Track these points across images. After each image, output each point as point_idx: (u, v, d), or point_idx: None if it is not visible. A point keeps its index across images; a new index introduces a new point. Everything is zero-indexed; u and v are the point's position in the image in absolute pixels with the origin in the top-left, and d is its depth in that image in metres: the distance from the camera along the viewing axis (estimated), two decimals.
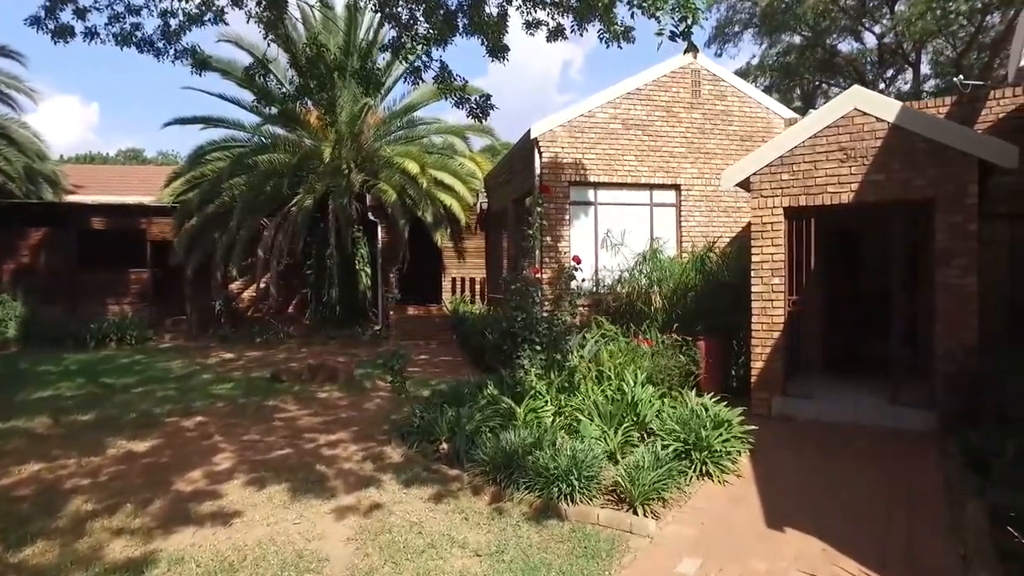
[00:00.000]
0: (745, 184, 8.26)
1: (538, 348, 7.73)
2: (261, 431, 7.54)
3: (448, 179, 17.14)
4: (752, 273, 8.09)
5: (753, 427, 6.45)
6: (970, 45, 25.20)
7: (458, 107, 8.40)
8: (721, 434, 6.07)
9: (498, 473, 5.49)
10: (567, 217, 11.96)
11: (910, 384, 7.47)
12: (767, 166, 8.02)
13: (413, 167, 15.98)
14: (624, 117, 12.22)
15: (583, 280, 9.07)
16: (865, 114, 7.49)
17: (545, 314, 8.13)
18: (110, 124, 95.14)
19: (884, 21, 25.59)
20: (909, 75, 27.30)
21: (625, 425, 6.46)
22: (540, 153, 11.91)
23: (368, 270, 18.47)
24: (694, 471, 5.66)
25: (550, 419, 6.83)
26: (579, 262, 8.19)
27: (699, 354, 9.35)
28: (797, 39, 28.29)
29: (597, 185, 12.20)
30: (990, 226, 7.78)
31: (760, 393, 8.06)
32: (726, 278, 9.97)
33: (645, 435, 6.53)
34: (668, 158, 12.40)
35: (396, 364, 8.06)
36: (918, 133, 7.20)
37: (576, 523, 4.79)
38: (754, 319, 8.07)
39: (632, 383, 7.20)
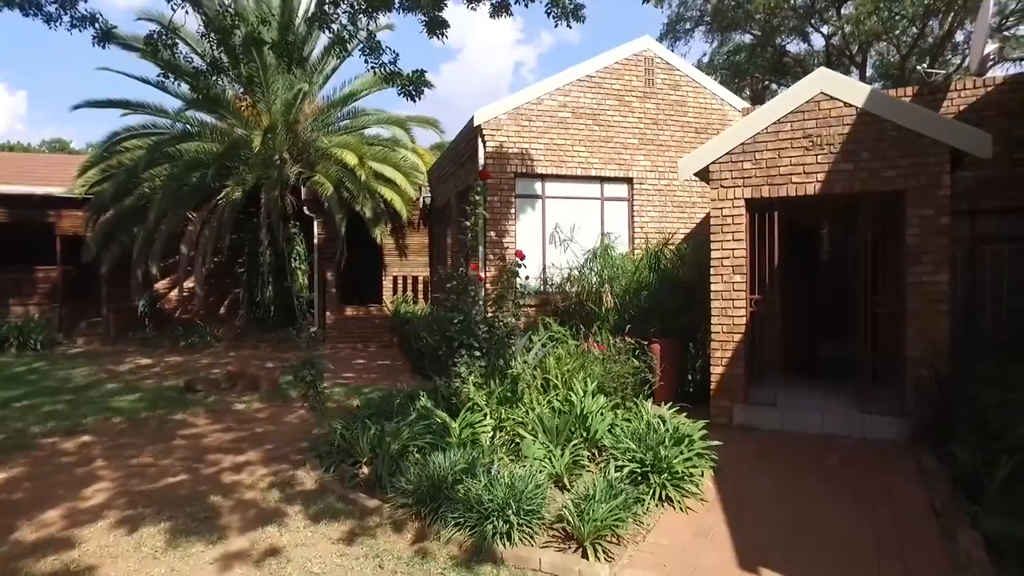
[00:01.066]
0: (704, 174, 7.61)
1: (477, 354, 6.91)
2: (156, 452, 6.50)
3: (389, 172, 16.14)
4: (711, 270, 7.44)
5: (716, 442, 5.76)
6: (912, 49, 25.45)
7: (388, 83, 7.50)
8: (682, 452, 5.35)
9: (424, 505, 4.63)
10: (513, 211, 11.17)
11: (878, 390, 6.92)
12: (727, 154, 7.37)
13: (351, 159, 14.95)
14: (574, 105, 11.50)
15: (527, 278, 8.29)
16: (832, 98, 6.91)
17: (489, 315, 7.30)
18: (39, 115, 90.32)
19: (833, 22, 25.64)
20: (855, 77, 27.46)
21: (574, 442, 5.69)
22: (484, 142, 11.08)
23: (305, 268, 17.33)
24: (653, 497, 4.91)
25: (489, 435, 6.04)
26: (522, 257, 7.40)
27: (654, 359, 8.69)
28: (747, 38, 28.18)
29: (545, 177, 11.44)
30: (951, 223, 7.29)
31: (720, 401, 7.41)
32: (682, 276, 9.34)
33: (596, 453, 5.77)
34: (620, 149, 11.73)
35: (307, 375, 7.04)
36: (888, 120, 6.65)
37: (515, 569, 3.98)
38: (713, 320, 7.42)
39: (581, 393, 6.45)
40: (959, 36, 24.44)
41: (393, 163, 16.39)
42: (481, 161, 11.13)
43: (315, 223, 16.48)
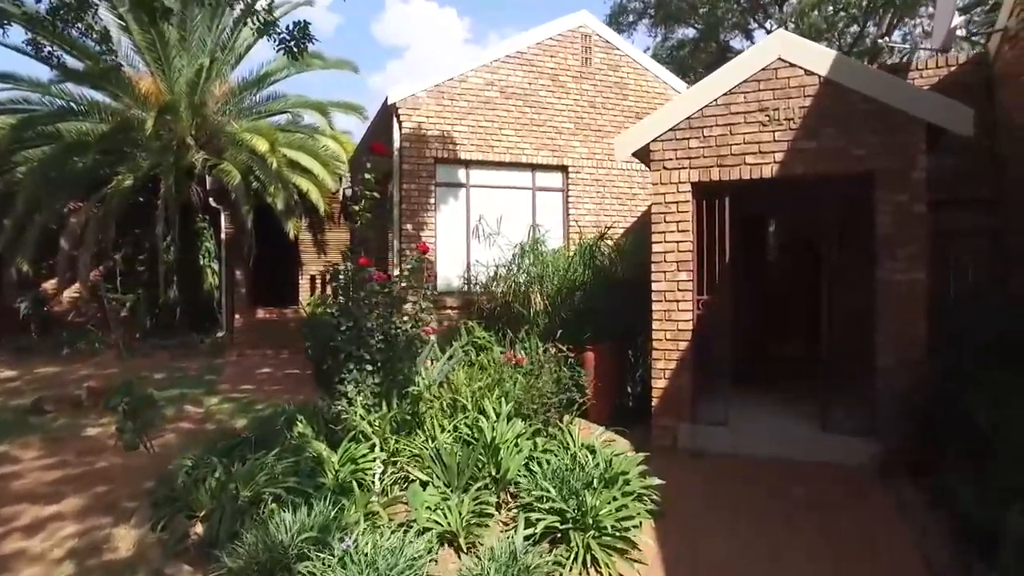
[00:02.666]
0: (644, 154, 6.49)
1: (369, 368, 5.62)
2: None
3: (306, 161, 14.65)
4: (653, 267, 6.33)
5: (657, 481, 4.61)
6: (852, 47, 25.24)
7: (263, 36, 6.11)
8: (614, 497, 4.18)
9: None
10: (432, 201, 9.88)
11: (843, 404, 5.91)
12: (671, 131, 6.27)
13: (261, 145, 13.42)
14: (503, 84, 10.28)
15: (428, 276, 7.03)
16: (791, 65, 5.88)
17: (394, 321, 6.00)
18: None
19: (776, 17, 25.21)
20: None
21: (480, 484, 4.48)
22: (400, 123, 9.77)
23: (215, 267, 15.66)
24: (575, 562, 3.73)
25: (378, 473, 4.78)
26: (425, 251, 6.16)
27: (586, 369, 7.56)
28: (691, 32, 27.55)
29: (469, 163, 10.19)
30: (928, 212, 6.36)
31: (663, 420, 6.31)
32: (620, 274, 8.23)
33: (507, 498, 4.56)
34: (554, 134, 10.58)
35: (122, 402, 5.45)
36: (856, 90, 5.65)
37: None
38: (655, 325, 6.32)
39: (494, 416, 5.23)
40: (896, 36, 24.34)
41: (311, 151, 14.90)
42: (397, 144, 9.81)
43: (222, 216, 14.84)
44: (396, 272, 9.58)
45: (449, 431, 5.29)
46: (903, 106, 5.50)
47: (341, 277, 5.79)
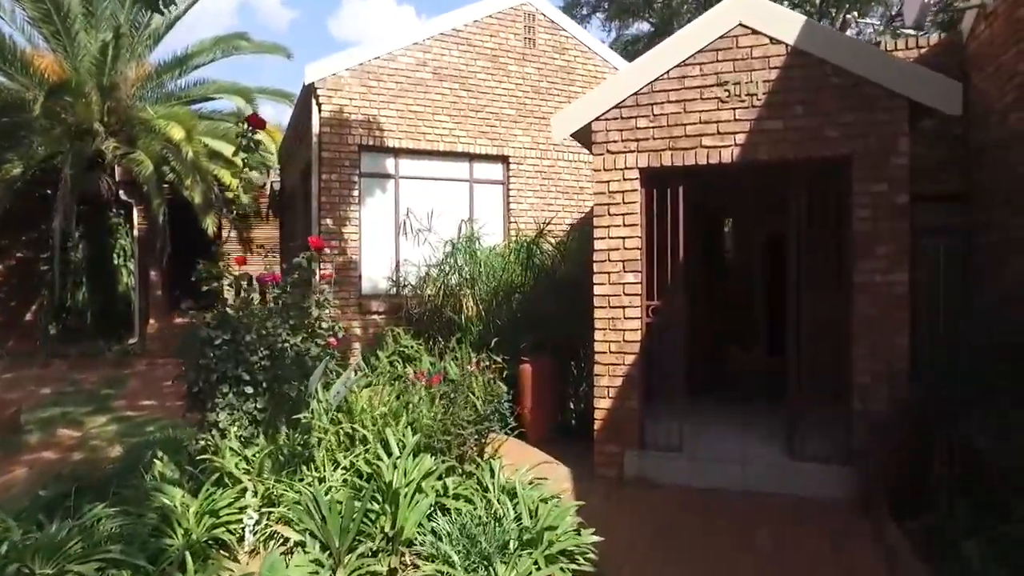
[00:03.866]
0: (585, 135, 5.59)
1: (249, 391, 4.58)
2: None
3: (228, 150, 13.37)
4: (595, 267, 5.43)
5: (594, 537, 3.67)
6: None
7: None
8: (536, 564, 3.24)
9: None
10: (356, 193, 8.82)
11: (814, 426, 5.09)
12: (616, 108, 5.38)
13: (177, 132, 12.14)
14: (436, 64, 9.28)
15: (328, 278, 6.00)
16: (755, 32, 5.04)
17: (280, 334, 4.94)
18: None
19: None
20: None
21: (369, 546, 3.48)
22: (319, 105, 8.69)
23: (132, 266, 14.27)
24: None
25: (249, 527, 3.75)
26: (321, 248, 5.13)
27: (523, 383, 6.65)
28: (646, 27, 26.92)
29: (399, 152, 9.16)
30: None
31: (607, 446, 5.41)
32: (564, 275, 7.32)
33: (402, 565, 3.58)
34: (494, 122, 9.62)
35: None
36: (829, 62, 4.85)
37: None
38: (598, 336, 5.41)
39: (397, 450, 4.23)
40: (850, 32, 24.07)
41: (234, 140, 13.56)
42: (315, 129, 8.74)
43: (135, 210, 13.47)
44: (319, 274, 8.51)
45: (345, 468, 4.28)
46: (883, 80, 4.71)
47: (214, 279, 4.73)
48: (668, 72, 5.22)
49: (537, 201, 9.82)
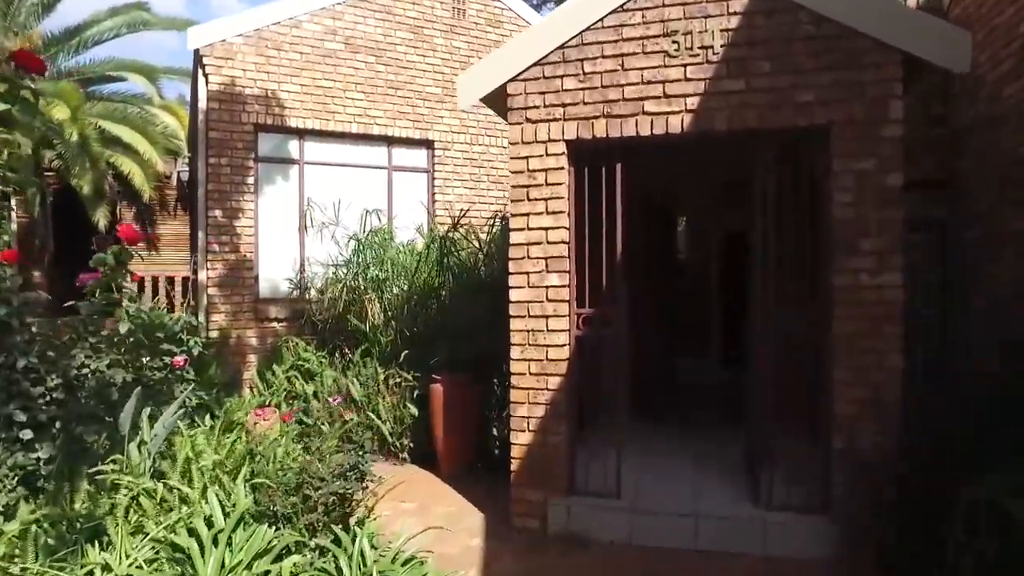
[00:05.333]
0: (499, 99, 4.44)
1: (28, 436, 3.31)
2: None
3: (129, 136, 11.84)
4: (510, 266, 4.29)
5: None
6: None
7: None
8: None
9: None
10: (251, 180, 7.53)
11: (784, 465, 4.05)
12: (538, 64, 4.25)
13: (60, 111, 10.59)
14: (349, 34, 8.04)
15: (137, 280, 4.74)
16: None
17: (75, 356, 3.67)
18: None
19: None
20: None
21: None
22: (206, 76, 7.37)
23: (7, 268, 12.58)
24: None
25: None
26: (134, 239, 3.84)
27: (434, 405, 5.51)
28: None
29: (304, 133, 7.89)
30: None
31: (527, 491, 4.28)
32: (487, 276, 6.19)
33: None
34: (417, 101, 8.42)
35: None
36: (805, 7, 3.81)
37: None
38: (514, 354, 4.28)
39: (222, 519, 3.02)
40: None
41: (136, 124, 12.08)
42: (202, 104, 7.42)
43: (12, 202, 11.81)
44: (202, 275, 7.21)
45: (157, 541, 3.05)
46: (872, 30, 3.69)
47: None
48: (603, 19, 4.12)
49: (467, 192, 8.66)
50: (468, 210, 7.22)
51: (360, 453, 3.33)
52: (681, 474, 4.71)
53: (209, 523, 3.04)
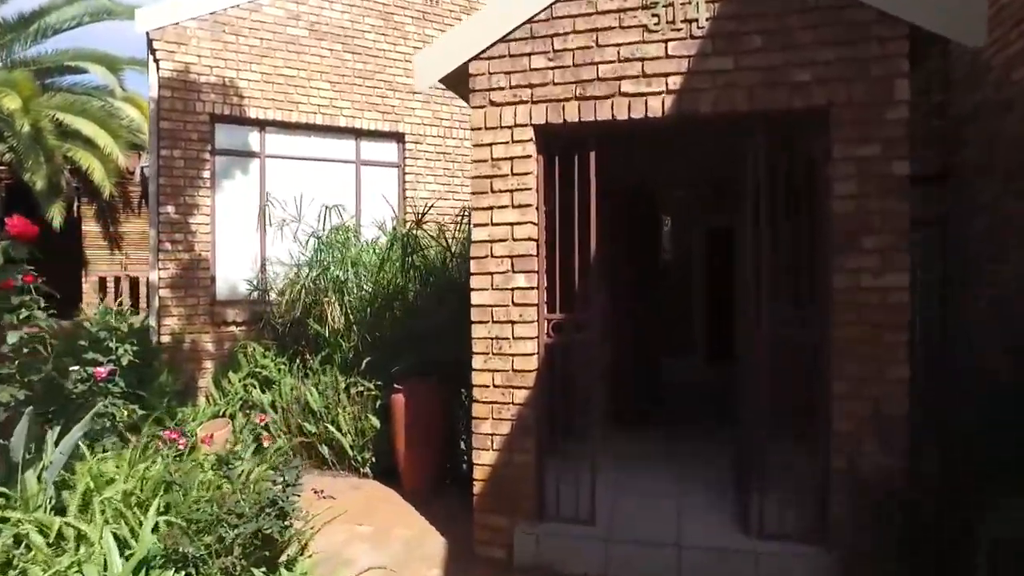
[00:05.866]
0: (461, 80, 4.00)
1: None
2: None
3: (89, 129, 11.30)
4: (473, 266, 3.85)
5: None
6: None
7: None
8: None
9: None
10: (207, 174, 7.02)
11: (777, 487, 3.63)
12: (504, 41, 3.81)
13: (11, 102, 10.07)
14: (314, 19, 7.55)
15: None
16: None
17: None
18: None
19: None
20: None
21: None
22: (157, 62, 6.88)
23: None
24: None
25: None
26: (27, 236, 3.36)
27: (395, 416, 5.08)
28: None
29: (265, 125, 7.39)
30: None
31: (491, 517, 3.84)
32: (458, 276, 5.74)
33: None
34: (387, 92, 7.95)
35: None
36: None
37: None
38: (477, 363, 3.84)
39: (118, 565, 2.56)
40: None
41: (94, 116, 11.54)
42: (153, 92, 6.93)
43: None
44: (154, 276, 6.72)
45: None
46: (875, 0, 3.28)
47: None
48: None
49: (440, 187, 8.20)
50: (432, 204, 6.77)
51: (285, 486, 2.86)
52: (663, 491, 4.29)
53: (106, 567, 2.58)
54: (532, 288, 3.71)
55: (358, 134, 7.85)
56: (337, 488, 5.21)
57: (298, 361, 6.30)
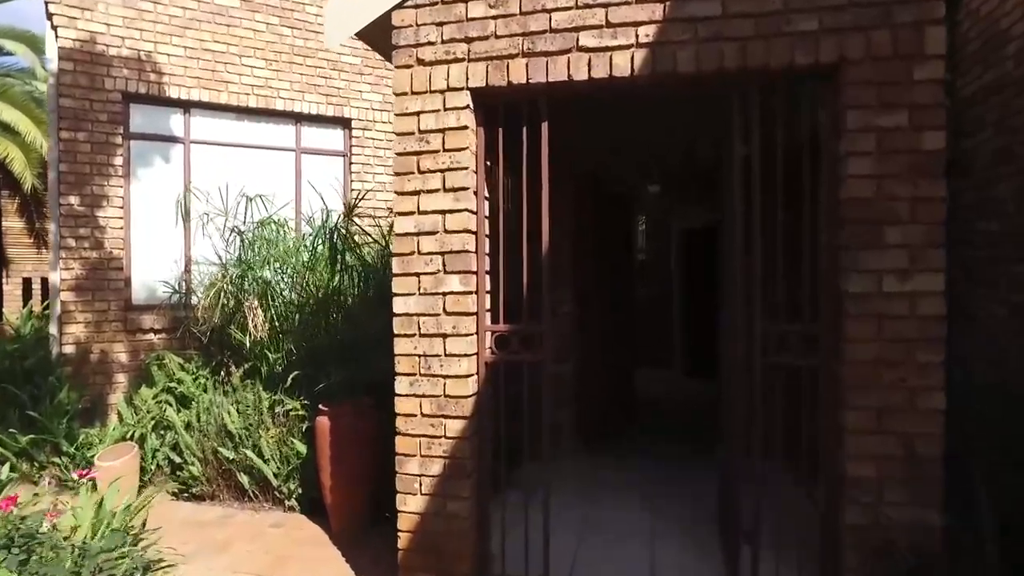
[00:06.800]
0: (382, 34, 3.21)
1: None
2: None
3: (9, 114, 10.33)
4: (394, 265, 3.07)
5: None
6: None
7: None
8: None
9: None
10: (119, 161, 6.16)
11: (773, 534, 2.90)
12: None
13: None
14: None
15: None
16: None
17: None
18: None
19: None
20: None
21: None
22: (55, 30, 6.01)
23: None
24: None
25: None
26: None
27: (319, 442, 4.29)
28: None
29: (190, 106, 6.54)
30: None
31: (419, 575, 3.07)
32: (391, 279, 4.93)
33: None
34: (330, 72, 7.13)
35: None
36: None
37: None
38: (400, 388, 3.06)
39: None
40: None
41: (17, 102, 10.55)
42: (52, 66, 6.05)
43: None
44: (55, 277, 5.85)
45: None
46: None
47: None
48: None
49: (391, 178, 7.39)
50: (365, 194, 5.99)
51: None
52: (636, 534, 3.55)
53: None
54: (469, 293, 2.94)
55: (298, 119, 7.02)
56: (255, 527, 4.44)
57: (221, 374, 5.48)
